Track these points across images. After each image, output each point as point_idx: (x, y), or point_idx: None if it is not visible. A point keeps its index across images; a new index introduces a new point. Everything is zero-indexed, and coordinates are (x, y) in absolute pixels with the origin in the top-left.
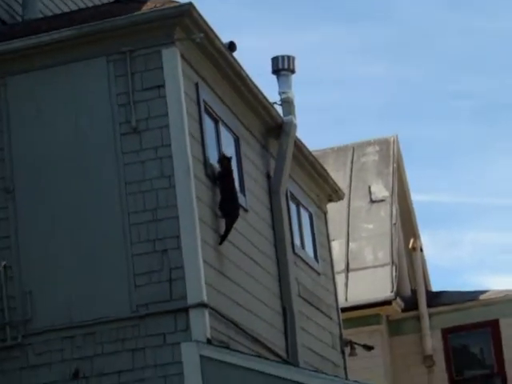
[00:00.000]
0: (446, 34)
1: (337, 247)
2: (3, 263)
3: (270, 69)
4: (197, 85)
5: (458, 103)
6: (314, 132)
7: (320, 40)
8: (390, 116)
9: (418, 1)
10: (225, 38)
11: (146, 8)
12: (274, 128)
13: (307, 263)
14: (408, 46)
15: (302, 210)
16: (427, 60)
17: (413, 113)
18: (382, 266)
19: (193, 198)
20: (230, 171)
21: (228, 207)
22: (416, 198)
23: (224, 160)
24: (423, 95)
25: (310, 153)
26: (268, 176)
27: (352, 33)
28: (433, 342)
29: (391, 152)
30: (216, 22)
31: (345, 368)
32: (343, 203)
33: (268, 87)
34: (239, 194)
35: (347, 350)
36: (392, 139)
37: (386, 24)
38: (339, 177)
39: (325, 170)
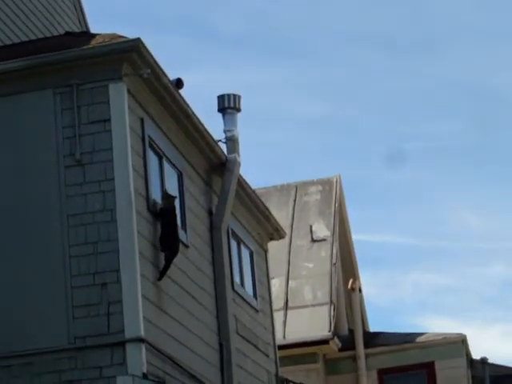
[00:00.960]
0: (390, 76)
1: (277, 285)
2: None
3: (215, 106)
4: (142, 120)
5: (401, 145)
6: (257, 169)
7: (267, 78)
8: (333, 156)
9: (363, 44)
10: (172, 74)
11: (95, 42)
12: (217, 165)
13: (246, 300)
14: (353, 88)
15: (243, 248)
16: (372, 102)
17: (356, 154)
18: (321, 305)
19: (134, 233)
20: (174, 208)
21: (168, 242)
22: (358, 237)
23: (169, 197)
24: (367, 137)
25: (252, 191)
26: (210, 212)
27: (298, 72)
28: (368, 383)
29: (334, 192)
30: (164, 57)
31: None
32: (285, 241)
33: (213, 124)
34: (180, 230)
35: None
36: (335, 179)
37: (332, 65)
38: (281, 215)
39: (267, 209)
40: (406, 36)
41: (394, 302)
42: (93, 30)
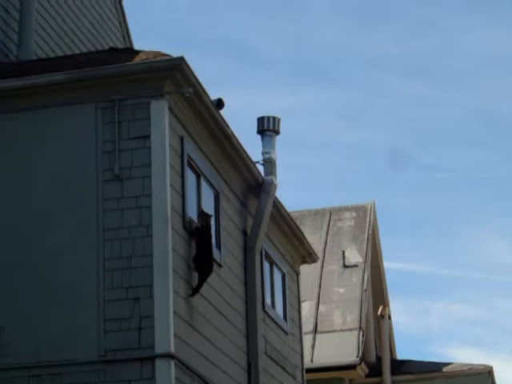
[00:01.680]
0: (422, 104)
1: (307, 308)
2: None
3: (254, 127)
4: (182, 138)
5: (436, 175)
6: (293, 192)
7: (303, 103)
8: (368, 182)
9: (399, 73)
10: (213, 94)
11: (138, 59)
12: (254, 186)
13: (276, 322)
14: (385, 115)
15: (276, 270)
16: (405, 129)
17: (391, 181)
18: (350, 330)
19: (168, 249)
20: (209, 227)
21: (203, 262)
22: (390, 265)
23: (204, 216)
24: (400, 165)
25: (287, 214)
26: (245, 233)
27: (336, 98)
28: None
29: (367, 219)
30: (205, 77)
31: None
32: (316, 265)
33: (251, 145)
34: (215, 249)
35: None
36: (369, 206)
37: (368, 91)
38: (315, 239)
39: (301, 232)
40: (438, 66)
41: (422, 331)
42: (136, 47)
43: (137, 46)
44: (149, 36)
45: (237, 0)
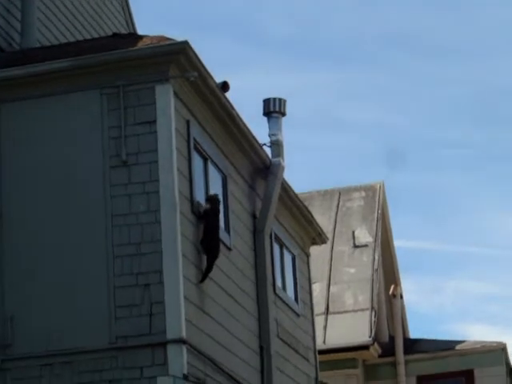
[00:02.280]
0: (436, 82)
1: (317, 290)
2: None
3: (260, 109)
4: (188, 122)
5: (445, 152)
6: (301, 174)
7: (312, 82)
8: (376, 162)
9: (411, 49)
10: (218, 77)
11: (142, 44)
12: (261, 169)
13: (287, 304)
14: (398, 93)
15: (286, 252)
16: (417, 108)
17: (400, 159)
18: (362, 310)
19: (177, 234)
20: (218, 211)
21: (209, 244)
22: (401, 244)
23: (213, 200)
24: (411, 142)
25: (296, 195)
26: (254, 216)
27: (343, 77)
28: None
29: (377, 198)
30: (210, 59)
31: None
32: (326, 246)
33: (258, 128)
34: (224, 233)
35: None
36: (378, 185)
37: (376, 70)
38: (324, 220)
39: (310, 213)
40: (455, 43)
41: (435, 309)
42: (140, 32)
43: (140, 31)
44: (152, 19)
45: None
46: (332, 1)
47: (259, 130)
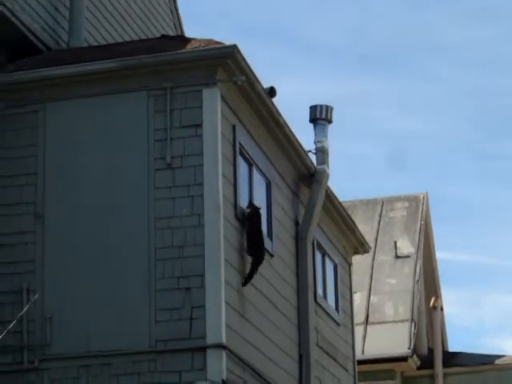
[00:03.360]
0: (484, 94)
1: (358, 299)
2: (26, 286)
3: (307, 115)
4: (234, 127)
5: (490, 164)
6: (345, 181)
7: (359, 91)
8: (420, 171)
9: (456, 61)
10: (265, 82)
11: (190, 46)
12: (306, 176)
13: (328, 313)
14: (444, 104)
15: (328, 260)
16: (460, 118)
17: (444, 171)
18: (402, 321)
19: (220, 239)
20: (259, 217)
21: (254, 249)
22: (443, 255)
23: (252, 208)
24: (457, 154)
25: (340, 204)
26: (296, 223)
27: (389, 87)
28: None
29: (420, 209)
30: (258, 65)
31: None
32: (368, 256)
33: (304, 134)
34: (266, 239)
35: None
36: (422, 196)
37: (424, 81)
38: (366, 229)
39: (353, 222)
40: (497, 55)
41: (474, 323)
42: (187, 35)
43: (188, 34)
44: (200, 23)
45: None
46: (380, 9)
47: (305, 136)
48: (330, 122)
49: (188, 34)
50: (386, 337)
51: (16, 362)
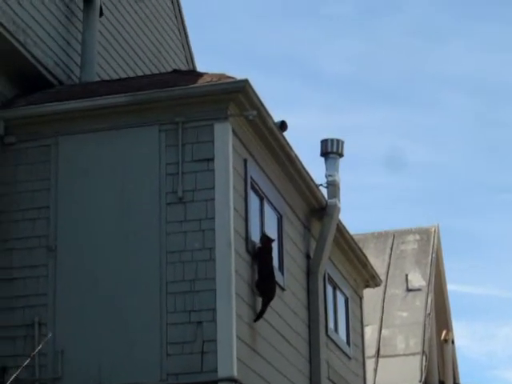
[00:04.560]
0: (494, 125)
1: (369, 332)
2: (38, 320)
3: (317, 147)
4: (245, 161)
5: (502, 197)
6: (355, 213)
7: (369, 122)
8: (430, 204)
9: (467, 92)
10: (276, 114)
11: (202, 81)
12: (317, 209)
13: (339, 347)
14: (455, 136)
15: (339, 293)
16: (473, 151)
17: (453, 203)
18: (413, 354)
19: (232, 273)
20: (270, 251)
21: (265, 286)
22: (454, 288)
23: (265, 240)
24: (468, 186)
25: (351, 237)
26: (308, 256)
27: (400, 118)
28: None
29: (431, 242)
30: (268, 97)
31: None
32: (379, 289)
33: (315, 168)
34: (278, 273)
35: None
36: (433, 229)
37: (433, 111)
38: (378, 262)
39: (364, 256)
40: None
41: (486, 355)
42: (199, 65)
43: (200, 64)
44: (212, 55)
45: (301, 19)
46: (388, 42)
47: (316, 169)
48: (341, 155)
49: (200, 64)
50: (397, 370)
51: None
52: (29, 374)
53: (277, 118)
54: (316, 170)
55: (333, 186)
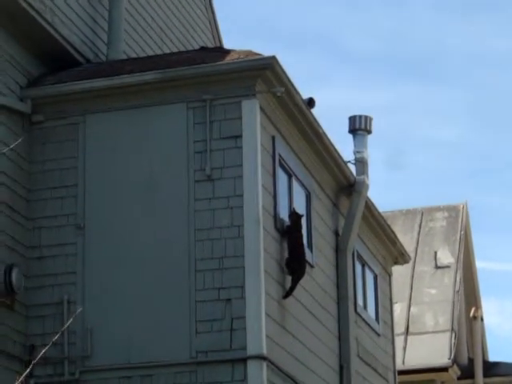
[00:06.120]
0: None
1: (398, 310)
2: (67, 298)
3: (345, 124)
4: (273, 138)
5: None
6: (384, 191)
7: (398, 99)
8: (460, 181)
9: (496, 67)
10: (304, 92)
11: (229, 58)
12: (345, 186)
13: (368, 324)
14: (484, 113)
15: (367, 270)
16: (503, 126)
17: (483, 180)
18: (442, 332)
19: (260, 250)
20: (300, 227)
21: (295, 264)
22: (483, 265)
23: (295, 216)
24: (497, 162)
25: (379, 214)
26: (336, 233)
27: (428, 94)
28: None
29: (460, 219)
30: (296, 75)
31: None
32: (408, 266)
33: (343, 144)
34: (307, 250)
35: None
36: (461, 206)
37: (463, 88)
38: (406, 240)
39: (393, 233)
40: None
41: None
42: (226, 44)
43: (226, 43)
44: (239, 33)
45: None
46: (415, 16)
47: (344, 146)
48: (369, 132)
49: (226, 43)
50: (426, 347)
51: (57, 373)
52: (58, 352)
53: (305, 96)
54: (344, 147)
55: (361, 163)
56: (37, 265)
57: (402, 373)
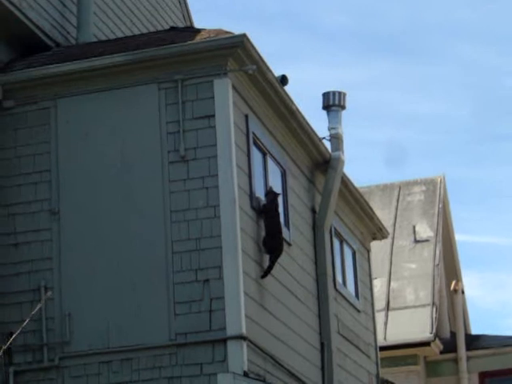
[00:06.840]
0: (501, 73)
1: (378, 285)
2: (44, 284)
3: (319, 101)
4: (247, 116)
5: (507, 145)
6: (360, 167)
7: (372, 75)
8: (437, 155)
9: (474, 41)
10: (276, 70)
11: (200, 37)
12: (321, 163)
13: (348, 300)
14: (460, 87)
15: (346, 247)
16: (479, 101)
17: (461, 153)
18: (423, 306)
19: (237, 230)
20: (277, 206)
21: (272, 243)
22: (463, 238)
23: (271, 195)
24: (475, 135)
25: (356, 190)
26: (313, 211)
27: (404, 70)
28: None
29: (438, 192)
30: (268, 51)
31: None
32: (387, 241)
33: (317, 121)
34: (284, 228)
35: None
36: (439, 179)
37: (438, 62)
38: (384, 215)
39: (370, 208)
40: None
41: (498, 304)
42: (196, 24)
43: (197, 23)
44: (208, 12)
45: None
46: None
47: (318, 123)
48: (343, 108)
49: (197, 23)
50: (407, 322)
51: (36, 360)
52: (37, 339)
53: (277, 73)
54: (319, 123)
55: (336, 139)
56: (12, 252)
57: (383, 349)
